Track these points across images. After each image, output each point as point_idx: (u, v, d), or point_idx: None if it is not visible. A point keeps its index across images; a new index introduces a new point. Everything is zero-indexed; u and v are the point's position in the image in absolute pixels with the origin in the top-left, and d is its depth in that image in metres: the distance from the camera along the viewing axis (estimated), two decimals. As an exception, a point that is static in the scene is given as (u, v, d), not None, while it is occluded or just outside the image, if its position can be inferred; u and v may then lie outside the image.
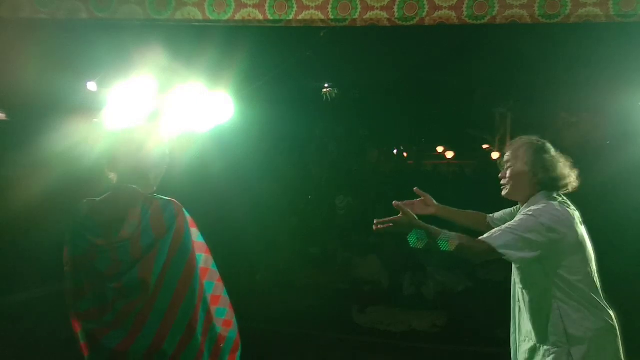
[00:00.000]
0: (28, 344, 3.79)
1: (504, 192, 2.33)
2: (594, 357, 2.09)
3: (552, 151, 2.27)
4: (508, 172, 2.29)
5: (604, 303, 2.17)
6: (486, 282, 6.44)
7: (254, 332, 4.90)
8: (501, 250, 2.02)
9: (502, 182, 2.33)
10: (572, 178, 2.25)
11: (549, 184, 2.22)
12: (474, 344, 4.63)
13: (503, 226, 2.13)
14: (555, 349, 2.12)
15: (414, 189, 2.25)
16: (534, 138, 2.32)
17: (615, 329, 2.16)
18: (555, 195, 2.23)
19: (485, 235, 2.11)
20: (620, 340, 2.17)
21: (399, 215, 2.08)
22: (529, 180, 2.23)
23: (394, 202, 2.14)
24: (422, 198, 2.53)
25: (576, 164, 2.32)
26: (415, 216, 2.12)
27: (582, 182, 2.32)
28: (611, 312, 2.18)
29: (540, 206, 2.15)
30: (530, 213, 2.12)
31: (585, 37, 4.46)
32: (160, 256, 1.84)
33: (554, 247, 2.08)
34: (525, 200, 2.27)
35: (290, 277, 6.76)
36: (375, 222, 2.11)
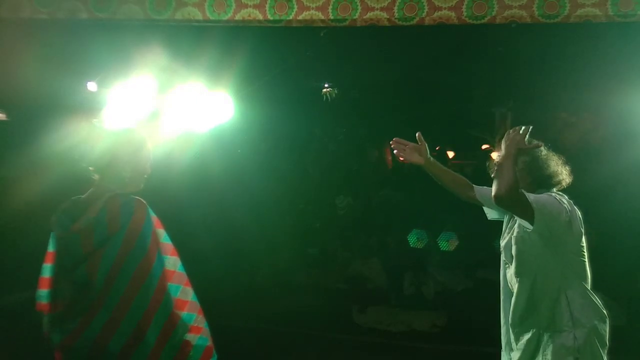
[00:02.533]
0: (28, 344, 3.79)
1: None
2: (593, 341, 2.15)
3: (544, 149, 2.31)
4: None
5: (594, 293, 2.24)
6: (486, 282, 6.42)
7: (254, 332, 4.92)
8: (534, 205, 2.06)
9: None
10: (565, 174, 2.29)
11: (544, 181, 2.26)
12: (474, 344, 4.63)
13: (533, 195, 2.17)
14: (562, 333, 2.16)
15: (417, 133, 2.25)
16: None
17: (607, 318, 2.22)
18: (551, 192, 2.26)
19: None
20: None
21: (419, 144, 2.15)
22: (524, 179, 2.25)
23: (417, 133, 2.23)
24: (419, 144, 2.45)
25: (576, 164, 2.33)
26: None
27: (582, 181, 2.34)
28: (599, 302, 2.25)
29: (548, 195, 2.20)
30: (544, 196, 2.17)
31: (585, 37, 4.47)
32: (109, 253, 1.80)
33: (566, 231, 2.13)
34: None
35: (290, 277, 6.76)
36: (394, 140, 2.23)
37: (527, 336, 2.26)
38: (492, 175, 2.24)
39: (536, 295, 2.21)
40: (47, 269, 1.95)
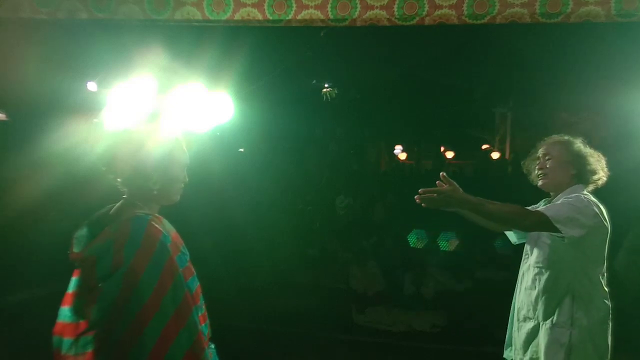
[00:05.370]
0: (28, 344, 3.79)
1: (540, 182, 2.39)
2: (590, 342, 2.18)
3: (587, 147, 2.37)
4: (548, 164, 2.36)
5: (608, 295, 2.26)
6: (486, 282, 6.43)
7: (254, 332, 4.92)
8: (557, 225, 2.07)
9: (539, 172, 2.39)
10: (602, 174, 2.34)
11: (584, 177, 2.31)
12: (474, 344, 4.63)
13: (557, 203, 2.21)
14: (558, 329, 2.21)
15: (441, 173, 2.06)
16: (568, 136, 2.41)
17: (610, 321, 2.25)
18: (586, 190, 2.31)
19: (540, 208, 2.19)
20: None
21: (444, 187, 2.03)
22: (567, 172, 2.32)
23: (441, 173, 2.06)
24: (448, 186, 2.07)
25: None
26: (460, 189, 2.04)
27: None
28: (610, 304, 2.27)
29: (583, 194, 2.24)
30: (581, 197, 2.20)
31: (586, 37, 4.47)
32: (108, 291, 1.49)
33: (593, 234, 2.15)
34: (559, 192, 2.33)
35: (290, 277, 6.76)
36: (419, 191, 2.04)
37: (528, 326, 2.33)
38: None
39: (548, 286, 2.25)
40: (74, 283, 1.66)
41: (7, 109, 5.24)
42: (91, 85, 4.20)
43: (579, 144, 2.36)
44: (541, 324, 2.27)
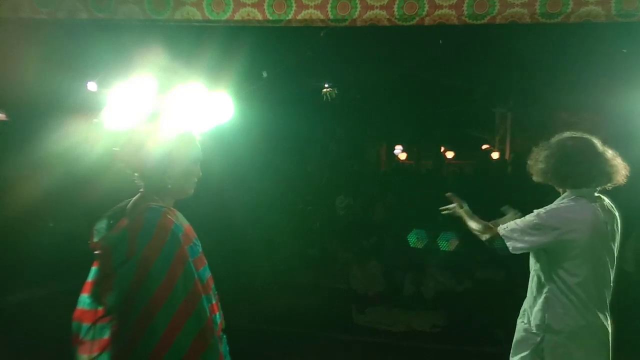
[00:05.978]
0: (28, 344, 3.79)
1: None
2: (565, 349, 2.18)
3: (575, 147, 2.26)
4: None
5: (596, 304, 2.19)
6: (486, 282, 6.43)
7: (254, 332, 4.92)
8: (506, 241, 2.29)
9: None
10: (598, 172, 2.22)
11: (562, 181, 2.27)
12: (474, 344, 4.63)
13: (522, 218, 2.33)
14: (533, 331, 2.28)
15: (447, 194, 2.53)
16: (551, 141, 2.35)
17: (603, 328, 2.20)
18: (587, 192, 2.23)
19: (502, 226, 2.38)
20: (608, 340, 2.22)
21: (454, 204, 2.51)
22: (545, 180, 2.33)
23: (447, 194, 2.53)
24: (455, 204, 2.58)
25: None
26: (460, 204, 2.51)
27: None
28: (602, 313, 2.20)
29: (556, 204, 2.26)
30: (543, 211, 2.24)
31: (586, 37, 4.46)
32: (121, 279, 1.56)
33: (561, 246, 2.18)
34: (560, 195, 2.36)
35: (290, 277, 6.75)
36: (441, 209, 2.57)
37: (520, 323, 2.40)
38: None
39: (532, 288, 2.33)
40: (93, 272, 1.73)
41: (7, 109, 5.24)
42: (91, 85, 4.21)
43: (549, 149, 2.30)
44: (524, 323, 2.35)
